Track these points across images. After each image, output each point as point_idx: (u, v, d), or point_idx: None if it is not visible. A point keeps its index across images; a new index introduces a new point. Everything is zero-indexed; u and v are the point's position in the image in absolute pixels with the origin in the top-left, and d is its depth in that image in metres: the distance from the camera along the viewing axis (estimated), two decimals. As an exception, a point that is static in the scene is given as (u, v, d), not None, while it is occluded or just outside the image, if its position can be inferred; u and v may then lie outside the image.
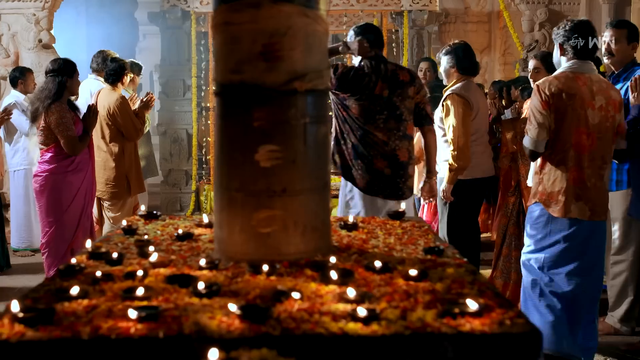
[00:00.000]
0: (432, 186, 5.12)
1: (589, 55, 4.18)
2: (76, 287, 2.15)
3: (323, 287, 2.26)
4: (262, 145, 2.52)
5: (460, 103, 5.24)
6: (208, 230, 3.20)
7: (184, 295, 2.18)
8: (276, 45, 2.50)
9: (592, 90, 4.07)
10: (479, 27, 11.36)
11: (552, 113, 4.07)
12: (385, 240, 3.02)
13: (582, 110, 4.05)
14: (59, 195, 5.63)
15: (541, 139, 4.11)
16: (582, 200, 4.10)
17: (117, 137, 6.46)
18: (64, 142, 5.52)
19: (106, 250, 2.72)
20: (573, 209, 4.11)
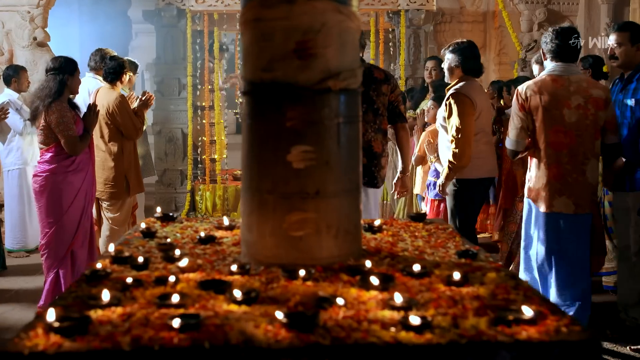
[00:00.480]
0: (406, 182, 5.39)
1: (569, 58, 4.41)
2: (107, 293, 2.06)
3: (364, 293, 2.19)
4: (295, 146, 2.44)
5: (464, 102, 5.17)
6: (229, 232, 3.11)
7: (221, 302, 2.10)
8: (310, 42, 2.41)
9: (568, 90, 4.34)
10: (474, 26, 11.33)
11: (529, 114, 4.39)
12: (413, 243, 2.95)
13: (557, 110, 4.33)
14: (59, 195, 5.50)
15: (520, 139, 4.45)
16: (565, 194, 4.35)
17: (116, 136, 6.34)
18: (65, 142, 5.40)
19: (129, 254, 2.62)
20: (556, 204, 4.36)
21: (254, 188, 2.55)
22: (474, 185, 5.33)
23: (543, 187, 4.40)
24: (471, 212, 5.46)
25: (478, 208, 5.71)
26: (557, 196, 4.36)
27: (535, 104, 4.36)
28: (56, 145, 5.45)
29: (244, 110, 2.63)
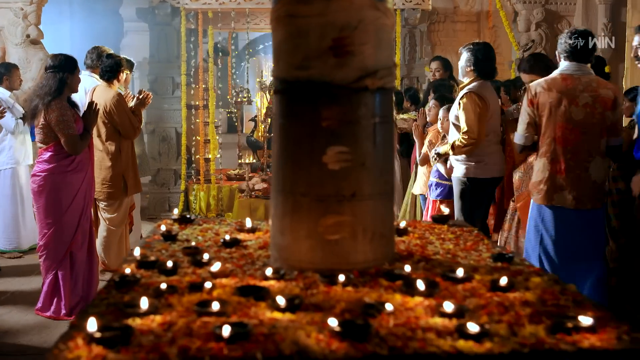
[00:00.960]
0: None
1: (581, 59, 4.54)
2: (146, 301, 1.97)
3: (409, 299, 2.11)
4: (331, 147, 2.36)
5: (478, 102, 5.23)
6: (252, 235, 3.03)
7: (263, 309, 2.01)
8: (347, 39, 2.33)
9: (577, 89, 4.46)
10: (467, 26, 11.26)
11: (536, 110, 4.55)
12: (443, 246, 2.87)
13: (565, 107, 4.46)
14: (59, 195, 5.38)
15: (527, 134, 4.63)
16: (566, 189, 4.47)
17: (113, 135, 6.24)
18: (65, 141, 5.28)
19: (155, 258, 2.52)
20: (557, 198, 4.50)
21: (287, 190, 2.46)
22: (485, 184, 5.38)
23: (545, 180, 4.53)
24: (481, 211, 5.51)
25: (487, 207, 5.73)
26: (559, 190, 4.49)
27: (543, 101, 4.50)
28: (55, 145, 5.34)
29: (275, 109, 2.55)
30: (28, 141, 7.52)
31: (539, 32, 8.77)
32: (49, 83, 5.35)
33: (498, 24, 11.18)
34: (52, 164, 5.35)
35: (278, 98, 2.52)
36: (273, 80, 2.55)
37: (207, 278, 2.32)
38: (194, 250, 2.65)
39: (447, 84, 7.20)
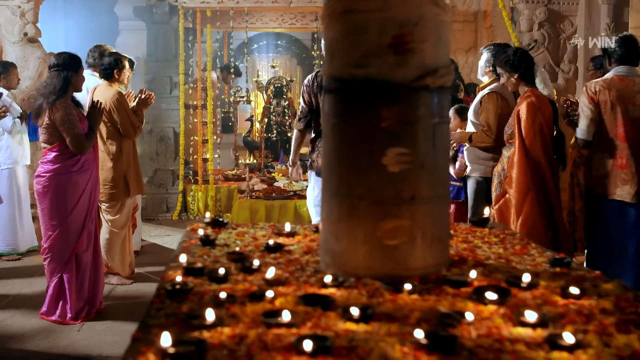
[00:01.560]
0: None
1: (632, 62, 4.92)
2: (212, 312, 1.86)
3: (482, 308, 2.02)
4: (391, 148, 2.26)
5: (500, 102, 5.33)
6: (292, 240, 2.92)
7: (333, 319, 1.91)
8: (407, 36, 2.24)
9: (633, 89, 4.81)
10: (465, 26, 11.20)
11: (597, 107, 4.82)
12: (492, 250, 2.79)
13: (623, 106, 4.77)
14: (63, 196, 5.25)
15: (590, 129, 4.87)
16: (628, 184, 4.74)
17: (114, 135, 6.13)
18: (70, 140, 5.15)
19: (202, 265, 2.41)
20: (619, 192, 4.76)
21: (342, 193, 2.36)
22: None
23: (607, 175, 4.82)
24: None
25: None
26: (621, 185, 4.77)
27: (604, 99, 4.79)
28: (60, 144, 5.22)
29: (327, 109, 2.44)
30: (26, 141, 7.37)
31: (542, 31, 8.72)
32: (53, 82, 5.23)
33: (495, 24, 11.14)
34: (57, 164, 5.23)
35: (331, 97, 2.42)
36: (325, 78, 2.45)
37: (262, 286, 2.22)
38: (239, 256, 2.54)
39: (453, 83, 7.16)
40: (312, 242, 2.89)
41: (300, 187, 9.21)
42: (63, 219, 5.25)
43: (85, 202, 5.36)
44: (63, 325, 5.24)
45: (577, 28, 8.81)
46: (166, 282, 2.25)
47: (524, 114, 4.75)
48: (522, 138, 4.74)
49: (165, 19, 9.34)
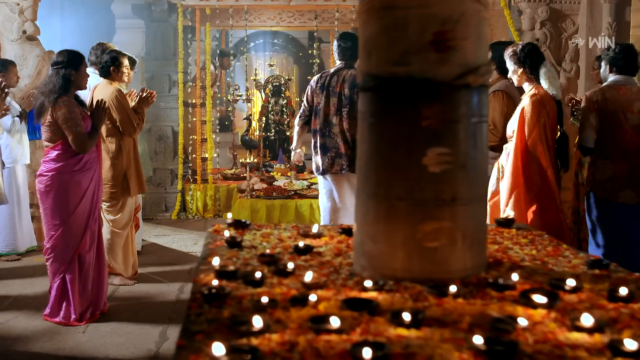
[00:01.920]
0: None
1: (630, 72, 5.13)
2: (260, 319, 1.80)
3: (532, 312, 1.97)
4: (431, 148, 2.21)
5: (506, 101, 5.33)
6: (318, 241, 2.86)
7: (383, 325, 1.85)
8: (449, 33, 2.18)
9: (631, 97, 5.02)
10: (463, 24, 11.17)
11: (597, 115, 5.02)
12: (524, 251, 2.73)
13: (623, 114, 4.99)
14: (66, 196, 5.17)
15: (591, 137, 5.08)
16: (630, 187, 4.94)
17: (113, 132, 6.06)
18: (73, 139, 5.07)
19: (234, 268, 2.35)
20: (622, 195, 4.95)
21: (381, 194, 2.30)
22: None
23: (610, 180, 5.00)
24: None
25: None
26: (623, 188, 4.96)
27: (604, 107, 5.01)
28: (63, 143, 5.14)
29: (364, 108, 2.38)
30: (25, 140, 7.27)
31: (544, 30, 8.69)
32: (52, 80, 5.17)
33: (495, 23, 11.09)
34: (60, 163, 5.15)
35: (368, 96, 2.36)
36: (361, 76, 2.38)
37: (301, 290, 2.16)
38: (271, 259, 2.48)
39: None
40: (339, 243, 2.83)
41: (301, 186, 9.15)
42: (65, 218, 5.17)
43: (88, 202, 5.28)
44: (67, 327, 5.16)
45: (579, 27, 8.78)
46: (200, 286, 2.18)
47: (529, 111, 4.68)
48: (523, 135, 4.68)
49: (164, 17, 9.25)
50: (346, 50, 5.98)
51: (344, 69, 5.99)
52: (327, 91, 5.98)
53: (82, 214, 5.24)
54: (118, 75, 6.23)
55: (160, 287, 6.24)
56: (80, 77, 5.23)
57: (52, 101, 5.08)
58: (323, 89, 6.00)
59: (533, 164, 4.67)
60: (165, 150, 9.40)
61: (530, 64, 4.79)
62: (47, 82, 5.23)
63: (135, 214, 6.55)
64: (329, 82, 5.97)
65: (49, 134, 5.18)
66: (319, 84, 6.06)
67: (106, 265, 5.62)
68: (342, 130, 5.86)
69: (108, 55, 6.21)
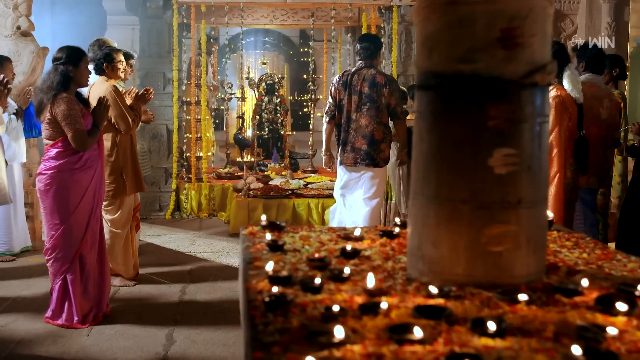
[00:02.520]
0: (402, 156, 6.86)
1: (600, 72, 5.82)
2: (342, 329, 1.70)
3: (613, 319, 1.89)
4: (498, 149, 2.12)
5: None
6: (362, 244, 2.77)
7: (466, 334, 1.77)
8: (517, 30, 2.10)
9: (601, 94, 5.69)
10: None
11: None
12: (574, 255, 2.66)
13: (596, 110, 5.60)
14: (66, 195, 5.04)
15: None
16: (593, 174, 5.47)
17: (109, 129, 5.94)
18: (72, 136, 4.95)
19: (288, 273, 2.25)
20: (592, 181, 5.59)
21: (443, 197, 2.21)
22: None
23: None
24: None
25: None
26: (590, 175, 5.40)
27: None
28: (63, 140, 5.02)
29: (423, 106, 2.30)
30: (21, 138, 7.11)
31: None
32: (50, 77, 5.05)
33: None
34: (60, 161, 5.03)
35: (428, 94, 2.27)
36: (420, 74, 2.30)
37: (364, 296, 2.07)
38: (321, 263, 2.39)
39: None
40: (383, 247, 2.74)
41: (298, 185, 9.07)
42: (65, 217, 5.05)
43: (89, 201, 5.16)
44: (71, 330, 5.05)
45: (578, 27, 8.79)
46: (256, 293, 2.09)
47: (551, 111, 4.60)
48: None
49: (159, 13, 9.12)
50: (366, 51, 6.48)
51: (364, 68, 6.48)
52: (349, 89, 6.46)
53: (83, 213, 5.12)
54: (113, 72, 6.11)
55: (161, 289, 6.12)
56: (80, 74, 5.11)
57: (50, 98, 4.97)
58: (345, 86, 6.49)
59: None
60: (160, 149, 9.27)
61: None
62: (45, 78, 5.11)
63: (135, 214, 6.43)
64: (351, 81, 6.46)
65: (48, 132, 5.05)
66: (341, 82, 6.53)
67: (108, 266, 5.50)
68: (360, 127, 6.42)
69: (100, 52, 6.09)
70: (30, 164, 7.54)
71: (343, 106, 6.49)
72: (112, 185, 5.96)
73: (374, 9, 9.79)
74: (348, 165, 6.51)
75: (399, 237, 2.88)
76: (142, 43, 9.22)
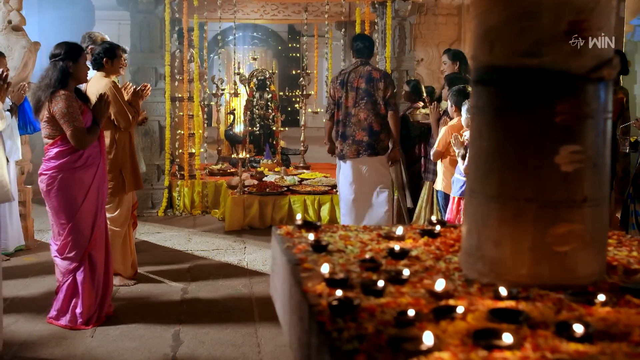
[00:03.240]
0: (395, 153, 7.06)
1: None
2: (430, 335, 1.63)
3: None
4: (564, 146, 2.06)
5: None
6: (406, 243, 2.70)
7: (552, 339, 1.70)
8: (584, 23, 2.04)
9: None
10: (448, 19, 11.11)
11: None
12: (622, 253, 2.61)
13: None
14: (69, 194, 4.93)
15: None
16: None
17: (107, 126, 5.82)
18: (71, 134, 4.83)
19: (345, 276, 2.17)
20: None
21: (506, 196, 2.14)
22: None
23: None
24: None
25: None
26: None
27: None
28: (62, 139, 4.90)
29: (482, 102, 2.22)
30: (16, 135, 6.95)
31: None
32: (48, 74, 4.92)
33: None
34: (60, 161, 4.91)
35: (488, 89, 2.20)
36: (479, 68, 2.22)
37: (429, 299, 1.99)
38: (374, 264, 2.31)
39: (463, 77, 7.05)
40: (427, 246, 2.67)
41: (292, 181, 9.00)
42: (71, 216, 4.95)
43: (93, 199, 5.05)
44: (74, 331, 4.94)
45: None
46: (316, 296, 2.00)
47: None
48: None
49: (150, 8, 8.97)
50: (363, 50, 6.92)
51: (360, 66, 6.91)
52: (346, 87, 6.89)
53: (88, 211, 5.03)
54: (113, 67, 5.99)
55: (162, 287, 6.02)
56: (79, 70, 5.00)
57: (48, 95, 4.85)
58: (343, 84, 6.92)
59: None
60: (152, 146, 9.13)
61: None
62: (44, 75, 4.98)
63: (132, 211, 6.32)
64: (348, 79, 6.90)
65: (48, 130, 4.94)
66: (339, 81, 6.96)
67: (112, 265, 5.39)
68: (359, 120, 6.83)
69: (101, 47, 5.95)
70: (22, 162, 7.39)
71: (342, 103, 6.89)
72: (111, 182, 5.84)
73: (368, 4, 9.72)
74: (350, 157, 6.86)
75: (440, 236, 2.81)
76: (133, 38, 9.06)
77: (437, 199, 6.74)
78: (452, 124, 6.19)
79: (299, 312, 2.08)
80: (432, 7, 10.93)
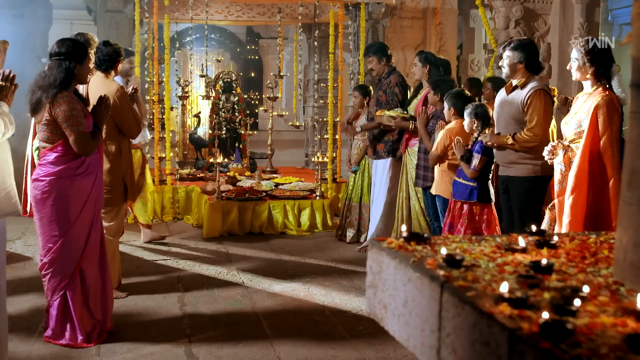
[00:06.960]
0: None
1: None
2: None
3: None
4: None
5: (547, 99, 5.27)
6: (527, 255, 2.54)
7: None
8: None
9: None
10: (413, 23, 11.05)
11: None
12: None
13: None
14: (67, 203, 4.58)
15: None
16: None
17: (114, 133, 5.52)
18: (74, 139, 4.49)
19: (523, 295, 1.99)
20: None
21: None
22: (547, 181, 5.27)
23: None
24: (540, 209, 5.44)
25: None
26: None
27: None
28: (63, 144, 4.55)
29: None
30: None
31: (518, 29, 8.70)
32: (53, 73, 4.55)
33: (444, 21, 11.09)
34: (59, 167, 4.56)
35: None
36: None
37: (631, 318, 1.85)
38: (534, 281, 2.14)
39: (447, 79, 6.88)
40: (553, 257, 2.52)
41: (269, 186, 8.80)
42: (66, 229, 4.59)
43: (90, 209, 4.72)
44: (77, 350, 4.63)
45: (551, 27, 8.85)
46: (506, 317, 1.83)
47: (604, 112, 4.45)
48: (595, 136, 4.46)
49: (119, 7, 8.64)
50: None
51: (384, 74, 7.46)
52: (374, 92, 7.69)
53: (84, 223, 4.68)
54: (114, 69, 5.73)
55: (156, 300, 5.73)
56: (84, 71, 4.69)
57: (50, 97, 4.49)
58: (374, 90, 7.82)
59: (599, 168, 4.48)
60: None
61: (604, 65, 4.60)
62: (46, 74, 4.60)
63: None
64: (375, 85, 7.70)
65: (46, 134, 4.56)
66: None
67: (110, 279, 5.03)
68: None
69: (110, 48, 5.66)
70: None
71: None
72: (112, 192, 5.52)
73: (342, 6, 9.59)
74: (370, 157, 7.62)
75: (560, 247, 2.67)
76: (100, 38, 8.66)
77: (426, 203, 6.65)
78: (450, 127, 6.07)
79: (481, 336, 1.90)
80: (397, 11, 10.88)
